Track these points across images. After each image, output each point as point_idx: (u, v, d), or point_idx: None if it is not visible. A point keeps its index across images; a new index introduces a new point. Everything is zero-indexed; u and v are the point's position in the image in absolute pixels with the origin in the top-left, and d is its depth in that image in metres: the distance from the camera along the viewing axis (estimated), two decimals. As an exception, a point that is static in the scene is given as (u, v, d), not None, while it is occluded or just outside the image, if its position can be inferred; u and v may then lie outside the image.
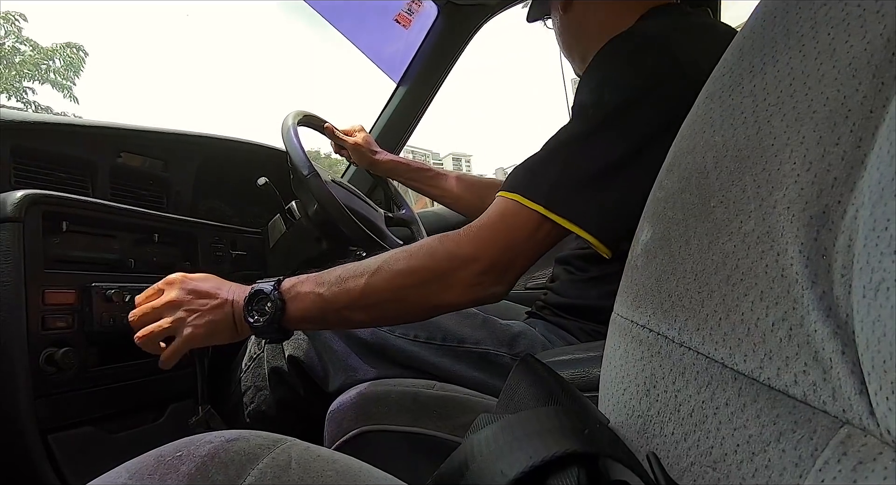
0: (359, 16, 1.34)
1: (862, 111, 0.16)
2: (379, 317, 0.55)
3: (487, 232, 0.52)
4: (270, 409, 0.70)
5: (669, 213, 0.26)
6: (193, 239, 0.81)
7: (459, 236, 0.53)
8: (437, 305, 0.54)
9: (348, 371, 0.65)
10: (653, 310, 0.25)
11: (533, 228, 0.51)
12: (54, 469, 0.57)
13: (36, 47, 10.03)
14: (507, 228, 0.51)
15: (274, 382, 0.69)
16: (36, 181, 0.71)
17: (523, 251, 0.52)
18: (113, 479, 0.27)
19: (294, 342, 0.67)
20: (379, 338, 0.65)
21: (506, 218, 0.52)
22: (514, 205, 0.52)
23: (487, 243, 0.51)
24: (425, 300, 0.53)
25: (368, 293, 0.52)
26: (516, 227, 0.51)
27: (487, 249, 0.51)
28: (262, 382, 0.70)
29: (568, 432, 0.19)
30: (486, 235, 0.52)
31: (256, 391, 0.71)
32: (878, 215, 0.14)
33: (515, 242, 0.51)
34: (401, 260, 0.52)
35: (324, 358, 0.66)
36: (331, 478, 0.29)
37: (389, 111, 1.29)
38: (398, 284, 0.52)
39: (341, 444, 0.58)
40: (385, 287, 0.52)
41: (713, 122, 0.25)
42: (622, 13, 0.64)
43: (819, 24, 0.19)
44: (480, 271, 0.51)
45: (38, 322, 0.57)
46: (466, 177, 1.07)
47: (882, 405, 0.13)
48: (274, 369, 0.69)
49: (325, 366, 0.65)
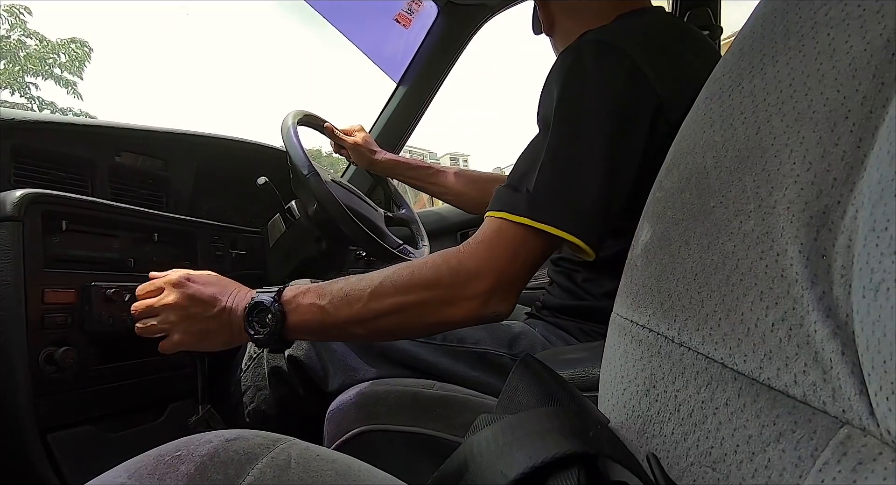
0: (359, 16, 1.34)
1: (862, 111, 0.16)
2: (380, 332, 0.55)
3: (486, 249, 0.52)
4: (270, 408, 0.70)
5: (669, 212, 0.26)
6: (193, 238, 0.81)
7: (461, 253, 0.53)
8: (440, 322, 0.54)
9: (348, 371, 0.65)
10: (653, 310, 0.25)
11: (525, 241, 0.52)
12: (54, 468, 0.57)
13: (43, 40, 9.95)
14: (502, 245, 0.52)
15: (274, 381, 0.69)
16: (35, 180, 0.71)
17: (522, 265, 0.52)
18: (112, 478, 0.27)
19: (294, 343, 0.67)
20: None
21: (500, 235, 0.52)
22: (501, 222, 0.52)
23: (488, 260, 0.52)
24: (428, 316, 0.53)
25: (370, 309, 0.52)
26: (510, 242, 0.52)
27: (489, 265, 0.51)
28: (262, 381, 0.70)
29: (568, 433, 0.19)
30: (485, 253, 0.52)
31: (256, 391, 0.71)
32: (877, 216, 0.14)
33: (513, 257, 0.52)
34: (403, 276, 0.52)
35: (323, 358, 0.66)
36: (330, 478, 0.29)
37: (389, 111, 1.29)
38: (400, 301, 0.52)
39: (341, 443, 0.58)
40: (387, 303, 0.52)
41: (713, 121, 0.25)
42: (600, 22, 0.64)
43: (819, 24, 0.19)
44: (487, 289, 0.51)
45: (37, 321, 0.57)
46: (466, 172, 1.07)
47: (882, 406, 0.13)
48: (274, 368, 0.69)
49: (325, 366, 0.65)
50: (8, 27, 9.94)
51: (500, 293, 0.52)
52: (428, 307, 0.52)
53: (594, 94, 0.53)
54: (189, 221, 0.81)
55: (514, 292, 0.54)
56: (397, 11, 1.24)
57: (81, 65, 10.29)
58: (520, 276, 0.53)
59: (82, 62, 10.29)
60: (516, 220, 0.51)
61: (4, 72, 10.07)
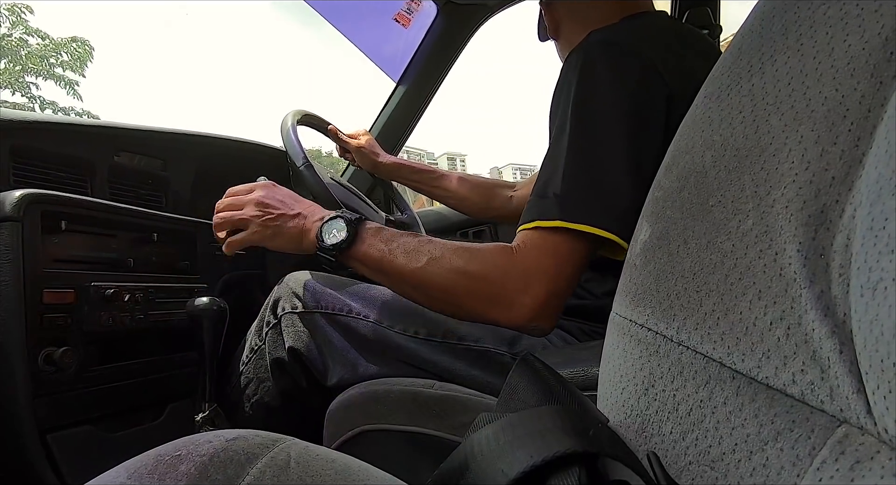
0: (358, 15, 1.34)
1: (860, 110, 0.16)
2: (429, 298, 0.57)
3: (535, 262, 0.51)
4: (274, 400, 0.70)
5: (668, 212, 0.26)
6: (192, 238, 0.81)
7: (513, 260, 0.52)
8: (483, 316, 0.54)
9: (347, 366, 0.65)
10: (651, 309, 0.25)
11: (562, 244, 0.51)
12: (53, 469, 0.57)
13: (45, 37, 9.89)
14: (543, 254, 0.51)
15: (277, 373, 0.69)
16: (35, 181, 0.71)
17: (567, 272, 0.51)
18: (112, 478, 0.27)
19: (294, 334, 0.67)
20: (379, 334, 0.65)
21: (542, 243, 0.52)
22: (534, 232, 0.52)
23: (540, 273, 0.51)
24: (473, 306, 0.53)
25: (423, 276, 0.54)
26: (549, 249, 0.51)
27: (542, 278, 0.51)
28: (264, 373, 0.70)
29: (569, 432, 0.19)
30: (535, 265, 0.51)
31: (259, 383, 0.71)
32: (876, 214, 0.14)
33: (558, 263, 0.51)
34: (462, 257, 0.53)
35: (324, 352, 0.66)
36: (330, 477, 0.29)
37: (389, 110, 1.29)
38: (452, 281, 0.53)
39: (341, 443, 0.58)
40: (439, 277, 0.54)
41: (711, 121, 0.25)
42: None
43: (817, 23, 0.19)
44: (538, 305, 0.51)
45: (36, 321, 0.57)
46: (470, 177, 1.07)
47: (879, 404, 0.13)
48: (276, 359, 0.69)
49: (325, 360, 0.66)
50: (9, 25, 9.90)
51: (550, 307, 0.51)
52: (475, 299, 0.53)
53: (607, 91, 0.53)
54: (188, 220, 0.81)
55: (560, 305, 0.53)
56: (396, 11, 1.24)
57: (83, 64, 10.24)
58: (567, 285, 0.52)
59: (84, 61, 10.24)
60: (550, 225, 0.51)
61: (5, 71, 10.02)
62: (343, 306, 0.66)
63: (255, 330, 0.72)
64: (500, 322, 0.53)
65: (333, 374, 0.65)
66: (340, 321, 0.66)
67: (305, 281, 0.70)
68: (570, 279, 0.52)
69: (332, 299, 0.67)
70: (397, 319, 0.65)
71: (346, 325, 0.65)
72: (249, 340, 0.73)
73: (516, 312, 0.51)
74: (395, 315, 0.65)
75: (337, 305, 0.67)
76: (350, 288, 0.69)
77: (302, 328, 0.67)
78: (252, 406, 0.71)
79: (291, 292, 0.69)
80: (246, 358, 0.72)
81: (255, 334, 0.72)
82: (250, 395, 0.71)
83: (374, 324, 0.65)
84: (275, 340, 0.69)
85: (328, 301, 0.67)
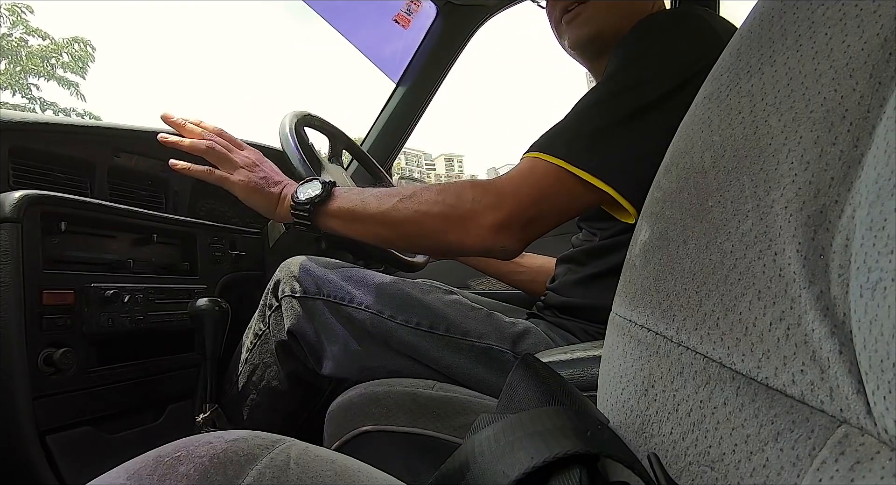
0: (358, 16, 1.34)
1: (859, 111, 0.16)
2: (400, 236, 0.60)
3: (512, 185, 0.54)
4: (282, 383, 0.70)
5: (667, 212, 0.26)
6: (192, 239, 0.81)
7: (488, 184, 0.55)
8: (450, 243, 0.56)
9: (345, 356, 0.65)
10: (651, 309, 0.25)
11: (554, 183, 0.53)
12: (53, 470, 0.57)
13: (46, 37, 9.84)
14: (530, 183, 0.53)
15: (282, 356, 0.69)
16: (34, 182, 0.71)
17: (546, 208, 0.53)
18: (111, 479, 0.27)
19: (294, 318, 0.67)
20: (380, 325, 0.64)
21: (533, 173, 0.54)
22: (536, 161, 0.54)
23: (511, 195, 0.53)
24: (442, 234, 0.56)
25: (396, 211, 0.58)
26: (539, 181, 0.53)
27: (510, 200, 0.53)
28: (269, 358, 0.70)
29: (570, 433, 0.19)
30: (511, 188, 0.54)
31: (265, 368, 0.71)
32: (875, 215, 0.14)
33: (539, 197, 0.53)
34: (432, 192, 0.57)
35: (322, 339, 0.65)
36: (330, 478, 0.29)
37: (388, 111, 1.29)
38: (423, 211, 0.56)
39: (341, 444, 0.58)
40: (412, 209, 0.57)
41: (711, 122, 0.25)
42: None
43: (816, 23, 0.19)
44: (499, 221, 0.53)
45: (36, 322, 0.57)
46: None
47: (879, 404, 0.13)
48: (281, 342, 0.68)
49: (322, 347, 0.66)
50: (9, 25, 9.86)
51: (512, 228, 0.54)
52: (445, 224, 0.55)
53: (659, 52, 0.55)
54: (188, 221, 0.81)
55: (529, 232, 0.55)
56: (396, 12, 1.24)
57: (84, 65, 10.20)
58: (539, 217, 0.54)
59: (85, 62, 10.19)
60: (551, 160, 0.53)
61: (6, 72, 9.99)
62: (345, 295, 0.66)
63: (259, 316, 0.72)
64: (465, 242, 0.55)
65: (329, 362, 0.65)
66: (342, 311, 0.65)
67: (306, 265, 0.69)
68: (543, 214, 0.54)
69: (333, 287, 0.66)
70: (399, 310, 0.64)
71: (349, 315, 0.65)
72: (253, 327, 0.73)
73: (478, 230, 0.54)
74: (397, 305, 0.65)
75: (339, 293, 0.66)
76: (351, 275, 0.68)
77: (301, 313, 0.66)
78: (259, 391, 0.70)
79: (292, 275, 0.68)
80: (251, 344, 0.72)
81: (258, 320, 0.72)
82: (257, 381, 0.70)
83: (375, 314, 0.64)
84: (278, 322, 0.69)
85: (330, 289, 0.66)
